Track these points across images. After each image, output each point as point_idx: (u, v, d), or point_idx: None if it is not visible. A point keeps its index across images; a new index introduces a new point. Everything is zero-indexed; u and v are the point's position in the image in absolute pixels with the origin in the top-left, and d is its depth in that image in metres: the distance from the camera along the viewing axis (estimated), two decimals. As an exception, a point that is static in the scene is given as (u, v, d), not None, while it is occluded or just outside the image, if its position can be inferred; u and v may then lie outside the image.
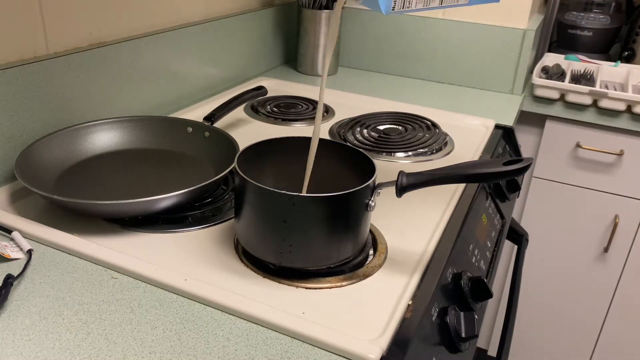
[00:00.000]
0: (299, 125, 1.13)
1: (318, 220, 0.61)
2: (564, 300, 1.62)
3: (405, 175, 0.64)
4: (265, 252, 0.64)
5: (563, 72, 1.51)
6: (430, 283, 0.66)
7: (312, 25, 1.43)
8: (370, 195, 0.64)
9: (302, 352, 0.54)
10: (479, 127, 1.18)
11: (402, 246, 0.73)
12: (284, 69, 1.53)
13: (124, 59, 0.99)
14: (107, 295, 0.60)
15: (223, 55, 1.28)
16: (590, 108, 1.41)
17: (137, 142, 0.92)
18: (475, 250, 0.83)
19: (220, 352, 0.53)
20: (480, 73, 1.46)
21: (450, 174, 0.63)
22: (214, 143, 0.89)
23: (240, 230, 0.66)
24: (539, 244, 1.58)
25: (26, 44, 0.84)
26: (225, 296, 0.59)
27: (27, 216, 0.73)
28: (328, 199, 0.60)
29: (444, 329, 0.64)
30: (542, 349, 1.70)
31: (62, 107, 0.89)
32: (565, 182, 1.51)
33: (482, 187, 0.94)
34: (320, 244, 0.63)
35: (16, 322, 0.55)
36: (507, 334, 0.98)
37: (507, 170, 0.60)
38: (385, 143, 1.04)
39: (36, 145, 0.80)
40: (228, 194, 0.82)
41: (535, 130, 1.52)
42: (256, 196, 0.62)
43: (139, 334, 0.55)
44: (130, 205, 0.70)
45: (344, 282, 0.64)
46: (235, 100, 1.03)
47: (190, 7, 1.18)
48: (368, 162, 0.67)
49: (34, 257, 0.65)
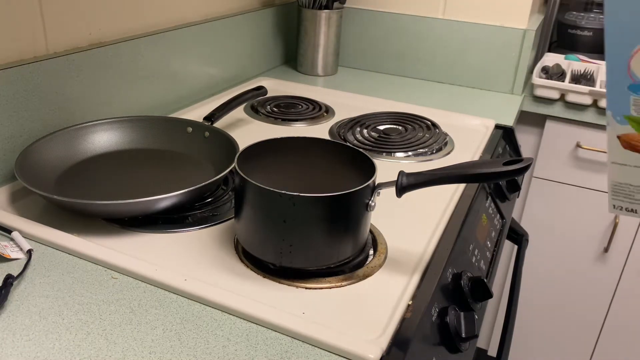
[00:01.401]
0: (299, 125, 1.13)
1: (318, 220, 0.61)
2: (564, 301, 1.62)
3: (406, 175, 0.64)
4: (265, 252, 0.64)
5: (563, 72, 1.51)
6: (430, 283, 0.66)
7: (312, 25, 1.43)
8: (370, 195, 0.64)
9: (302, 352, 0.54)
10: (479, 127, 1.18)
11: (402, 246, 0.73)
12: (283, 69, 1.53)
13: (124, 59, 0.99)
14: (107, 295, 0.60)
15: (223, 55, 1.28)
16: (590, 108, 1.40)
17: (137, 142, 0.92)
18: (475, 250, 0.83)
19: (220, 352, 0.53)
20: (480, 73, 1.46)
21: (450, 174, 0.63)
22: (213, 143, 0.89)
23: (240, 231, 0.66)
24: (539, 244, 1.58)
25: (26, 44, 0.84)
26: (225, 296, 0.59)
27: (27, 216, 0.73)
28: (328, 199, 0.60)
29: (444, 329, 0.64)
30: (542, 349, 1.70)
31: (62, 107, 0.89)
32: (565, 182, 1.51)
33: (482, 187, 0.94)
34: (320, 244, 0.63)
35: (16, 322, 0.55)
36: (507, 334, 0.98)
37: (508, 170, 0.60)
38: (385, 143, 1.04)
39: (36, 145, 0.80)
40: (228, 194, 0.82)
41: (536, 130, 1.52)
42: (256, 196, 0.62)
43: (139, 334, 0.55)
44: (130, 205, 0.70)
45: (344, 282, 0.64)
46: (235, 100, 1.03)
47: (190, 7, 1.18)
48: (368, 162, 0.67)
49: (33, 257, 0.65)
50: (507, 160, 0.61)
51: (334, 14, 1.42)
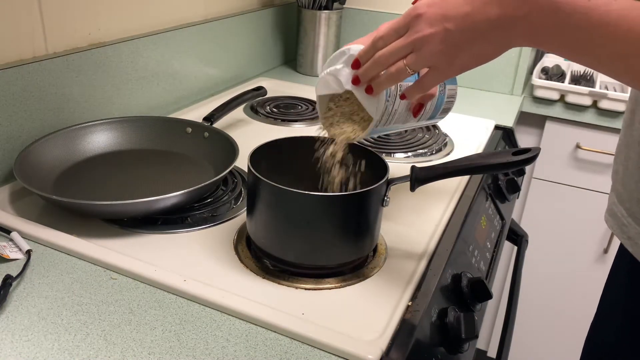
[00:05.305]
0: (299, 125, 1.13)
1: (341, 218, 0.62)
2: (563, 302, 1.62)
3: (419, 170, 0.65)
4: (286, 252, 0.64)
5: (563, 73, 1.51)
6: (430, 284, 0.66)
7: (312, 26, 1.43)
8: (385, 191, 0.65)
9: (301, 353, 0.54)
10: (479, 128, 1.18)
11: (402, 247, 0.73)
12: (283, 70, 1.53)
13: (123, 59, 0.99)
14: (106, 295, 0.60)
15: (223, 55, 1.28)
16: (590, 109, 1.40)
17: (136, 143, 0.91)
18: (475, 251, 0.83)
19: (220, 353, 0.53)
20: (480, 74, 1.46)
21: (461, 166, 0.64)
22: (213, 143, 0.89)
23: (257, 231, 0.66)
24: (538, 245, 1.58)
25: (25, 44, 0.84)
26: (225, 297, 0.59)
27: (26, 216, 0.73)
28: (351, 197, 0.61)
29: (444, 330, 0.64)
30: (541, 350, 1.70)
31: (61, 107, 0.88)
32: (565, 183, 1.51)
33: (482, 188, 0.94)
34: (342, 241, 0.63)
35: (15, 323, 0.55)
36: (506, 335, 0.98)
37: (517, 160, 0.61)
38: (384, 144, 1.04)
39: (35, 146, 0.80)
40: (227, 194, 0.82)
41: (535, 131, 1.52)
42: (277, 197, 0.62)
43: (138, 335, 0.55)
44: (130, 205, 0.70)
45: (343, 283, 0.64)
46: (234, 101, 1.03)
47: (189, 7, 1.18)
48: (376, 160, 0.68)
49: (32, 257, 0.65)
50: (516, 150, 0.62)
51: (333, 14, 1.42)
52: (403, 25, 0.58)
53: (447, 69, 0.58)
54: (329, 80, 0.68)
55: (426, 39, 0.56)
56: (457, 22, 0.54)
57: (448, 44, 0.55)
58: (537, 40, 0.53)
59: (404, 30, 0.58)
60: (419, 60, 0.58)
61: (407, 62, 0.58)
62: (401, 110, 0.70)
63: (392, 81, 0.61)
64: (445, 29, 0.55)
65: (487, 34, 0.54)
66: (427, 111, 0.75)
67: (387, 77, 0.61)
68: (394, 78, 0.60)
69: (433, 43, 0.56)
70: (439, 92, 0.74)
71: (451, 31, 0.54)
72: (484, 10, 0.53)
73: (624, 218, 0.69)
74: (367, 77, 0.63)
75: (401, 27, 0.58)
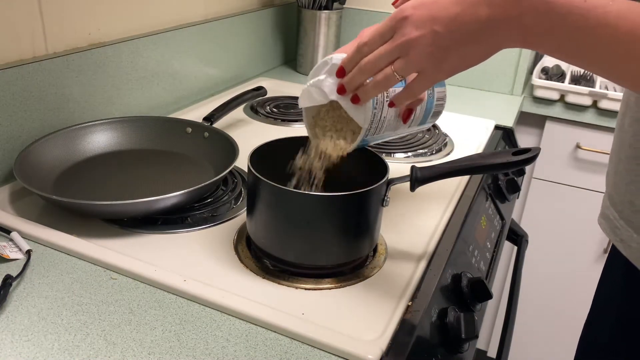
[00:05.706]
0: (299, 125, 1.13)
1: (341, 218, 0.62)
2: (563, 302, 1.62)
3: (419, 169, 0.65)
4: (286, 252, 0.64)
5: (563, 73, 1.51)
6: (430, 284, 0.66)
7: (312, 26, 1.43)
8: (385, 191, 0.65)
9: (301, 353, 0.54)
10: (479, 128, 1.18)
11: (402, 247, 0.73)
12: (283, 70, 1.53)
13: (123, 59, 0.99)
14: (106, 295, 0.60)
15: (223, 55, 1.28)
16: (590, 109, 1.40)
17: (136, 143, 0.91)
18: (475, 251, 0.83)
19: (220, 353, 0.53)
20: (480, 74, 1.46)
21: (462, 166, 0.64)
22: (213, 143, 0.89)
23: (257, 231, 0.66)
24: (538, 245, 1.58)
25: (25, 44, 0.84)
26: (225, 297, 0.59)
27: (26, 216, 0.73)
28: (352, 197, 0.61)
29: (444, 330, 0.64)
30: (541, 350, 1.70)
31: (61, 107, 0.88)
32: (565, 183, 1.51)
33: (482, 188, 0.94)
34: (343, 241, 0.63)
35: (15, 323, 0.55)
36: (506, 335, 0.98)
37: (517, 160, 0.61)
38: (384, 143, 1.04)
39: (35, 146, 0.80)
40: (227, 194, 0.82)
41: (535, 131, 1.52)
42: (277, 198, 0.62)
43: (138, 335, 0.55)
44: (130, 205, 0.70)
45: (343, 283, 0.64)
46: (234, 101, 1.03)
47: (189, 7, 1.18)
48: (376, 160, 0.68)
49: (32, 257, 0.65)
50: (516, 150, 0.62)
51: (333, 14, 1.42)
52: (388, 29, 0.56)
53: (436, 73, 0.56)
54: (312, 92, 0.65)
55: (413, 43, 0.54)
56: (446, 24, 0.52)
57: (436, 47, 0.53)
58: (529, 41, 0.51)
59: (390, 35, 0.56)
60: (408, 65, 0.55)
61: (395, 68, 0.56)
62: (390, 118, 0.68)
63: (379, 89, 0.59)
64: (433, 31, 0.53)
65: (477, 35, 0.52)
66: (417, 116, 0.73)
67: (374, 84, 0.58)
68: (381, 85, 0.58)
69: (421, 46, 0.53)
70: (427, 96, 0.73)
71: (440, 33, 0.52)
72: (473, 11, 0.51)
73: (616, 221, 0.69)
74: (353, 86, 0.60)
75: (386, 31, 0.56)
